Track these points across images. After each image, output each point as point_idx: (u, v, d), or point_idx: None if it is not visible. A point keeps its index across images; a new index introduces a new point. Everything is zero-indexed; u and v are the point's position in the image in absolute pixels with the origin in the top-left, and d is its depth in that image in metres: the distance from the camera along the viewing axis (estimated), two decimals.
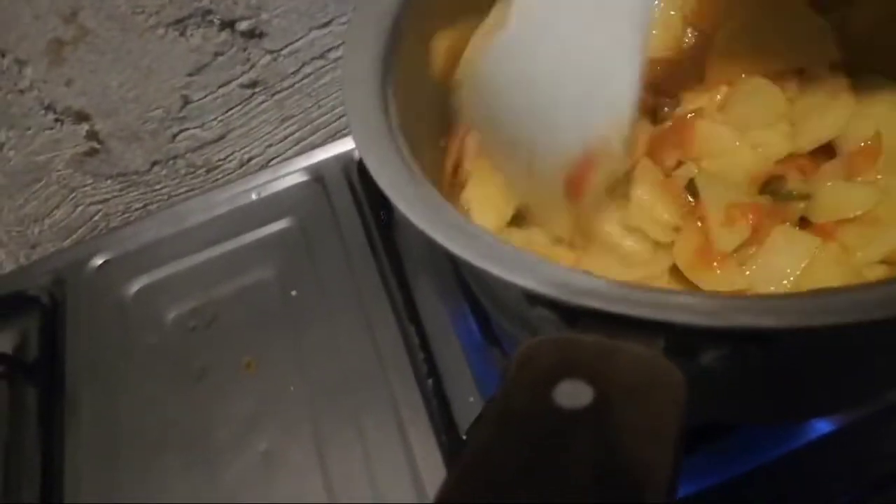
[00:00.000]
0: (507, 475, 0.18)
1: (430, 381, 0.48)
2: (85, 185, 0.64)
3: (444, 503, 0.19)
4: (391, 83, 0.34)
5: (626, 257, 0.35)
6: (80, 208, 0.65)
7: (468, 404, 0.47)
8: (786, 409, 0.32)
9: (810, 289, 0.21)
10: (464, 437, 0.44)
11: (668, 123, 0.40)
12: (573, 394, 0.20)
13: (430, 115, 0.39)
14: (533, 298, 0.24)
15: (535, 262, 0.24)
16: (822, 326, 0.20)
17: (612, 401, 0.19)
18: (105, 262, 0.58)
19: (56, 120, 0.59)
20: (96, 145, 0.61)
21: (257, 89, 0.62)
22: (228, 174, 0.67)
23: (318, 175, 0.59)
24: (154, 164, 0.64)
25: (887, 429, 0.43)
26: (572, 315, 0.23)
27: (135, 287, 0.56)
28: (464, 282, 0.50)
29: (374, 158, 0.30)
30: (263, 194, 0.59)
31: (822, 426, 0.42)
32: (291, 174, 0.60)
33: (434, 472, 0.44)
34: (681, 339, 0.22)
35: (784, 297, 0.22)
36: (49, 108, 0.58)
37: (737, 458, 0.42)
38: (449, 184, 0.38)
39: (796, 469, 0.42)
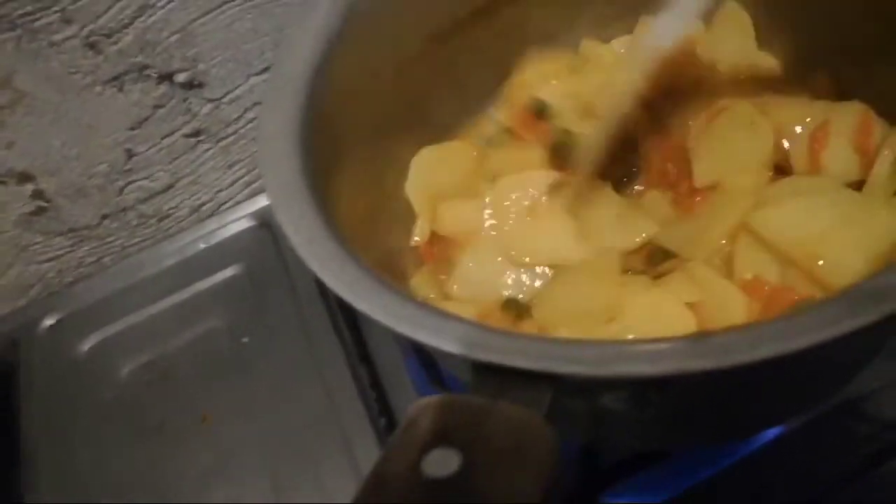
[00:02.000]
0: None
1: (383, 420, 0.48)
2: (35, 244, 0.64)
3: None
4: (310, 141, 0.35)
5: None
6: (32, 267, 0.65)
7: None
8: (701, 435, 0.32)
9: (687, 334, 0.22)
10: None
11: None
12: (442, 461, 0.20)
13: (351, 168, 0.39)
14: (438, 351, 0.25)
15: (434, 316, 0.25)
16: (698, 371, 0.21)
17: (478, 468, 0.20)
18: (57, 321, 0.58)
19: (0, 182, 0.59)
20: (43, 204, 0.61)
21: (202, 137, 0.63)
22: (180, 222, 0.67)
23: (265, 220, 0.60)
24: (104, 217, 0.64)
25: (829, 434, 0.44)
26: (472, 365, 0.23)
27: (88, 344, 0.56)
28: None
29: (286, 212, 0.31)
30: (211, 242, 0.59)
31: (762, 437, 0.43)
32: (238, 220, 0.60)
33: None
34: (571, 386, 0.22)
35: (661, 343, 0.22)
36: None
37: (679, 474, 0.42)
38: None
39: (739, 480, 0.42)
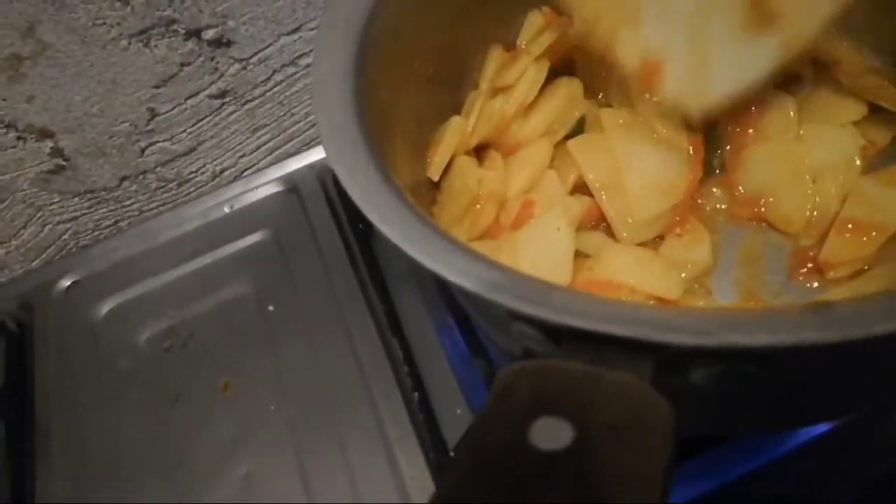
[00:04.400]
0: None
1: (415, 395, 0.46)
2: (52, 204, 0.62)
3: None
4: (363, 87, 0.33)
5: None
6: (47, 227, 0.63)
7: (456, 417, 0.46)
8: (781, 419, 0.31)
9: (806, 303, 0.20)
10: (451, 454, 0.42)
11: None
12: (552, 432, 0.18)
13: (404, 118, 0.37)
14: (517, 316, 0.23)
15: (518, 278, 0.23)
16: (819, 343, 0.19)
17: (594, 440, 0.18)
18: (73, 283, 0.56)
19: (18, 138, 0.56)
20: (62, 162, 0.59)
21: (227, 99, 0.60)
22: (200, 187, 0.65)
23: (292, 185, 0.57)
24: (123, 179, 0.62)
25: (882, 428, 0.42)
26: (557, 334, 0.22)
27: (105, 308, 0.54)
28: (447, 292, 0.48)
29: (346, 172, 0.29)
30: (236, 207, 0.57)
31: (817, 428, 0.41)
32: (265, 185, 0.58)
33: (422, 490, 0.43)
34: (671, 359, 0.21)
35: (776, 312, 0.20)
36: (10, 125, 0.56)
37: (732, 462, 0.41)
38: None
39: (793, 471, 0.41)
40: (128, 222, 0.65)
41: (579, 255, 0.39)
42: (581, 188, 0.43)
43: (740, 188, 0.42)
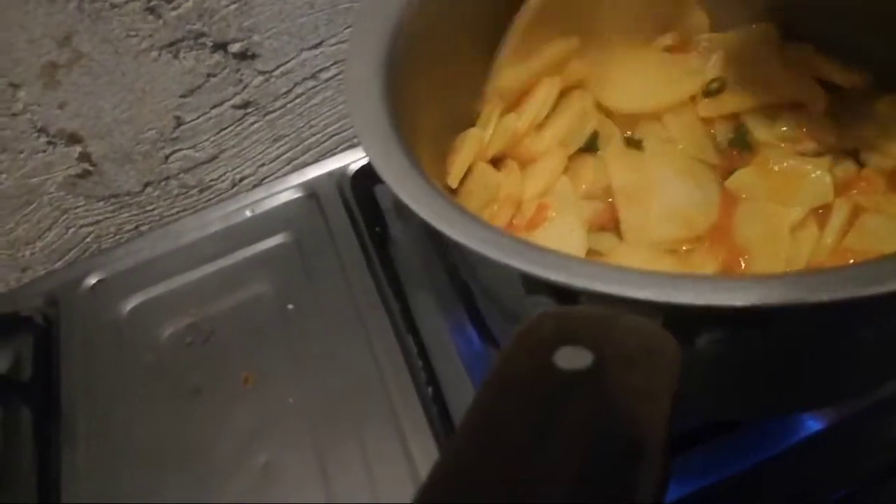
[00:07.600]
0: (510, 436, 0.19)
1: (429, 389, 0.48)
2: (77, 207, 0.64)
3: (451, 465, 0.19)
4: (392, 91, 0.35)
5: None
6: (71, 230, 0.65)
7: None
8: (781, 399, 0.32)
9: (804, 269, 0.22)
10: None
11: None
12: (573, 358, 0.21)
13: (427, 124, 0.40)
14: (532, 285, 0.25)
15: (534, 248, 0.25)
16: (812, 303, 0.21)
17: (610, 364, 0.20)
18: (99, 281, 0.58)
19: (49, 142, 0.59)
20: (89, 167, 0.62)
21: (249, 110, 0.63)
22: (221, 194, 0.68)
23: (311, 192, 0.60)
24: (147, 185, 0.65)
25: (877, 424, 0.44)
26: (571, 299, 0.24)
27: (129, 305, 0.56)
28: (460, 290, 0.51)
29: (377, 154, 0.31)
30: (257, 211, 0.60)
31: (812, 424, 0.43)
32: (285, 191, 0.60)
33: None
34: (677, 321, 0.23)
35: (772, 277, 0.23)
36: (42, 130, 0.58)
37: (730, 459, 0.42)
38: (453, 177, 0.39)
39: (789, 467, 0.42)
40: (149, 227, 0.67)
41: (591, 253, 0.41)
42: (593, 195, 0.45)
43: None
